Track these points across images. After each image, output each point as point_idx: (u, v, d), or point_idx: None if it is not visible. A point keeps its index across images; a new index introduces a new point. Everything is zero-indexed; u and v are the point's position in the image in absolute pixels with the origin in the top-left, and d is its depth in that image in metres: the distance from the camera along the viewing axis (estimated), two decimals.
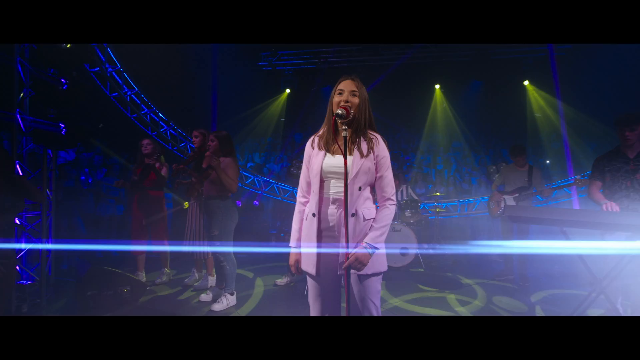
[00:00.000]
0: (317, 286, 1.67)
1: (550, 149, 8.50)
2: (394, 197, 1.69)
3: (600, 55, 7.18)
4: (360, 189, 1.61)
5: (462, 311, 3.27)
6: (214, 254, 3.27)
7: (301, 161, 1.79)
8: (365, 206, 1.63)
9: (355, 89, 1.62)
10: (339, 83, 1.66)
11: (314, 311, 1.70)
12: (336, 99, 1.63)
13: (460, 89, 9.36)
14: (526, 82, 8.72)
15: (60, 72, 3.47)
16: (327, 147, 1.66)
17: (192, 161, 3.77)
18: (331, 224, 1.63)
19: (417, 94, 9.43)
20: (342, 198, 1.58)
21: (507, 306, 3.44)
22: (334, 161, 1.62)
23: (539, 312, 3.27)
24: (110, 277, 3.13)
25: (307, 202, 1.75)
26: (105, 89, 5.92)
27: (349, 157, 1.56)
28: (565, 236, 2.47)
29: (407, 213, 5.19)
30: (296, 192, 1.84)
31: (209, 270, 3.87)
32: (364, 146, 1.63)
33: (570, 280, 4.26)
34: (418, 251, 4.95)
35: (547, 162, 7.90)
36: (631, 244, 2.31)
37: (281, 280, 4.02)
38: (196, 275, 4.05)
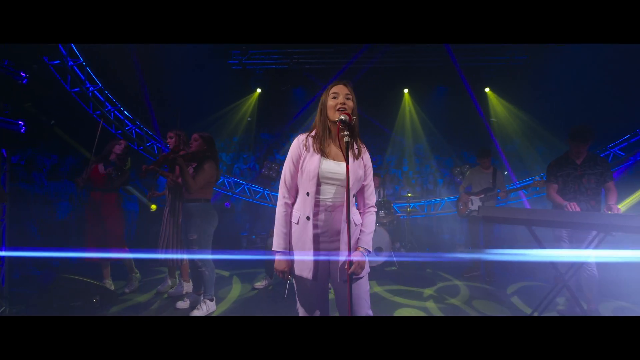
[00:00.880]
0: (310, 290, 1.65)
1: (504, 152, 9.08)
2: (375, 204, 1.78)
3: (552, 65, 7.81)
4: (352, 195, 1.64)
5: (439, 307, 3.42)
6: (191, 259, 3.15)
7: (271, 162, 1.77)
8: (354, 212, 1.68)
9: (348, 92, 1.64)
10: (332, 87, 1.66)
11: (304, 314, 1.68)
12: (331, 102, 1.63)
13: (427, 93, 9.77)
14: (487, 89, 9.30)
15: (16, 64, 3.17)
16: (323, 150, 1.63)
17: (164, 162, 3.58)
18: (326, 229, 1.61)
19: (387, 97, 9.68)
20: (336, 204, 1.61)
21: (487, 299, 3.67)
22: (332, 166, 1.61)
23: (517, 302, 3.57)
24: (78, 286, 2.91)
25: (292, 203, 1.70)
26: (66, 84, 5.46)
27: (345, 164, 1.58)
28: (532, 233, 2.67)
29: (382, 214, 5.33)
30: (267, 193, 1.80)
31: (183, 276, 3.72)
32: (356, 153, 1.68)
33: (528, 274, 4.68)
34: (395, 258, 5.14)
35: (506, 172, 8.43)
36: (580, 252, 2.77)
37: (260, 284, 3.95)
38: (169, 281, 3.87)
